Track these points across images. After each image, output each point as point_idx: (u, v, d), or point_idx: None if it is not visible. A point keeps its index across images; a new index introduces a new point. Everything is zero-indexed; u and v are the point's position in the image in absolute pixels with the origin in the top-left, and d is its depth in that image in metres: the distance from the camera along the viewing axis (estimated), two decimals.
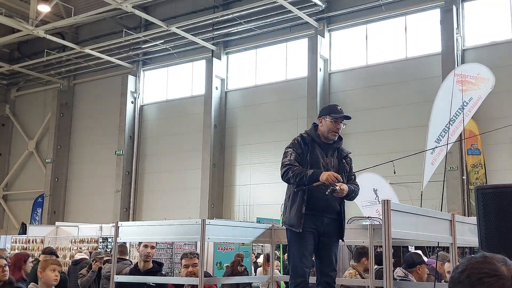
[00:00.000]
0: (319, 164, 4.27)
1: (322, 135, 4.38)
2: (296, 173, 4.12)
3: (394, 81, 17.18)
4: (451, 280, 1.45)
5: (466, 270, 1.41)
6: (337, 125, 4.35)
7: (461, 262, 1.46)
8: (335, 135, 4.38)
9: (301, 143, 4.33)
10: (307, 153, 4.28)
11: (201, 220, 4.35)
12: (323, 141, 4.37)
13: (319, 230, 4.22)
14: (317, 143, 4.36)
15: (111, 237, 13.86)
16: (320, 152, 4.33)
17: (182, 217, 16.96)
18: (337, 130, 4.36)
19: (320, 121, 4.42)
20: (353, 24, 18.24)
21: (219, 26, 20.12)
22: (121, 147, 22.20)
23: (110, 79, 23.83)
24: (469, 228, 4.56)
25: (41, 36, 20.09)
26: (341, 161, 4.41)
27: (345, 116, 4.40)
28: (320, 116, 4.45)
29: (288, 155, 4.29)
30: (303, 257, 4.13)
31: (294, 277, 4.15)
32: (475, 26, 16.29)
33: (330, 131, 4.34)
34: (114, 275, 4.91)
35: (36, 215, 24.22)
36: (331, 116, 4.34)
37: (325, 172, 4.09)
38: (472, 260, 1.43)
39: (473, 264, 1.41)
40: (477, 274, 1.38)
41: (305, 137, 4.39)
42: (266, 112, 19.54)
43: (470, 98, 9.54)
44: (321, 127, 4.40)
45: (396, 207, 3.42)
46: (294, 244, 4.18)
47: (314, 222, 4.17)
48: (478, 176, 14.45)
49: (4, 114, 27.32)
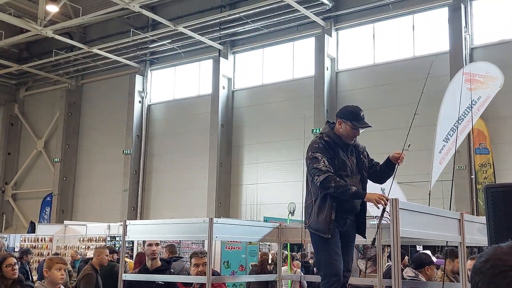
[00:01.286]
0: (346, 167, 4.22)
1: (339, 137, 4.28)
2: (338, 185, 4.02)
3: (401, 80, 17.12)
4: (473, 269, 1.35)
5: (490, 260, 1.30)
6: (357, 132, 4.25)
7: (486, 251, 1.36)
8: (352, 141, 4.29)
9: (327, 147, 4.20)
10: (334, 158, 4.19)
11: (209, 219, 4.35)
12: (343, 141, 4.27)
13: (341, 230, 4.21)
14: (339, 146, 4.25)
15: (119, 235, 13.92)
16: (343, 155, 4.25)
17: (189, 216, 16.99)
18: (355, 137, 4.28)
19: (339, 122, 4.25)
20: (361, 23, 18.19)
21: (226, 26, 20.13)
22: (128, 147, 22.28)
23: (117, 78, 23.92)
24: (478, 227, 4.54)
25: (49, 36, 20.20)
26: (359, 158, 4.37)
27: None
28: (340, 117, 4.26)
29: (320, 160, 4.14)
30: (335, 254, 4.10)
31: (329, 276, 4.08)
32: (484, 24, 16.20)
33: (348, 137, 4.24)
34: (122, 273, 4.93)
35: (44, 214, 24.36)
36: (353, 124, 4.19)
37: (372, 194, 4.00)
38: (498, 250, 1.31)
39: (499, 255, 1.30)
40: (501, 266, 1.27)
41: (328, 141, 4.24)
42: (273, 111, 19.53)
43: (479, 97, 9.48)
44: (339, 129, 4.26)
45: (405, 206, 3.41)
46: (324, 248, 4.14)
47: (339, 223, 4.16)
48: (487, 175, 14.36)
49: (13, 114, 27.50)
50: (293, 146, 17.84)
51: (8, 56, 24.78)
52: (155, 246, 5.09)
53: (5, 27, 21.50)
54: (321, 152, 4.18)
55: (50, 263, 4.39)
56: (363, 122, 4.22)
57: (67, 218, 22.40)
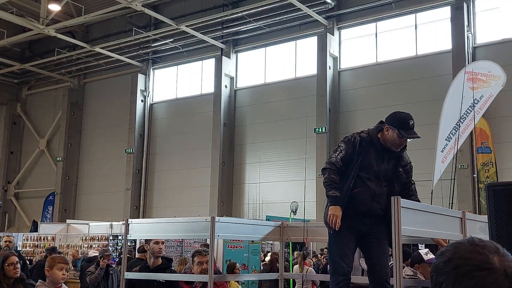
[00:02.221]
0: (371, 169, 4.06)
1: (382, 141, 4.09)
2: (328, 180, 4.01)
3: (404, 79, 17.10)
4: (435, 268, 1.26)
5: (453, 259, 1.22)
6: (404, 141, 4.09)
7: (446, 249, 1.27)
8: (398, 149, 4.12)
9: (357, 143, 4.07)
10: (359, 155, 4.04)
11: (211, 217, 4.36)
12: (382, 145, 4.09)
13: (361, 230, 4.09)
14: (375, 146, 4.09)
15: (121, 234, 13.94)
16: (375, 158, 4.09)
17: (192, 215, 17.01)
18: (401, 145, 4.11)
19: (386, 128, 4.05)
20: (363, 21, 18.18)
21: (228, 25, 20.14)
22: (131, 146, 22.31)
23: (120, 77, 23.95)
24: (480, 226, 4.53)
25: (51, 35, 20.23)
26: (396, 168, 4.17)
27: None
28: (389, 123, 4.07)
29: (337, 152, 4.09)
30: (344, 255, 4.01)
31: (335, 275, 4.02)
32: (486, 23, 16.17)
33: (394, 145, 4.07)
34: (124, 272, 4.94)
35: (47, 213, 24.41)
36: (400, 132, 3.99)
37: (334, 208, 3.94)
38: (461, 248, 1.24)
39: (461, 253, 1.22)
40: (466, 266, 1.19)
41: (364, 137, 4.10)
42: (276, 110, 19.53)
43: (481, 96, 9.48)
44: (386, 134, 4.07)
45: (406, 204, 3.40)
46: (334, 242, 4.06)
47: (353, 221, 4.03)
48: (489, 174, 14.34)
49: (16, 113, 27.55)
50: (295, 145, 17.84)
51: (10, 55, 24.82)
52: (162, 245, 5.13)
53: (7, 26, 21.54)
54: (346, 144, 4.10)
55: (51, 263, 4.39)
56: (411, 131, 4.03)
57: (70, 217, 22.46)
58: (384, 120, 4.14)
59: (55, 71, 24.90)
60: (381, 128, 4.11)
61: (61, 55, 23.07)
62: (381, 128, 4.11)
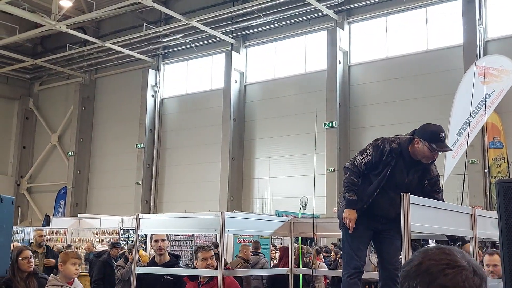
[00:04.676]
0: (394, 182, 4.01)
1: (412, 153, 4.02)
2: (348, 182, 4.02)
3: (414, 73, 17.00)
4: (406, 275, 1.32)
5: (423, 263, 1.30)
6: (435, 155, 4.01)
7: (415, 255, 1.35)
8: (429, 161, 4.06)
9: (385, 153, 4.00)
10: (387, 167, 3.99)
11: (221, 212, 4.39)
12: (411, 157, 4.02)
13: (376, 227, 4.13)
14: (404, 158, 4.01)
15: (132, 229, 14.05)
16: (402, 170, 4.03)
17: (202, 209, 17.09)
18: (432, 158, 4.05)
19: (417, 141, 3.97)
20: (373, 16, 18.07)
21: (238, 20, 20.13)
22: (141, 140, 22.43)
23: (130, 73, 24.05)
24: (491, 222, 4.52)
25: (63, 30, 20.35)
26: (422, 181, 4.14)
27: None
28: (419, 135, 3.99)
29: (363, 155, 4.05)
30: (357, 249, 4.07)
31: (348, 267, 4.09)
32: (498, 17, 16.01)
33: (424, 158, 4.01)
34: (135, 266, 4.99)
35: (59, 207, 24.64)
36: (431, 146, 3.92)
37: (349, 211, 3.98)
38: (429, 252, 1.33)
39: (431, 256, 1.31)
40: (437, 266, 1.28)
41: (394, 149, 4.01)
42: (285, 105, 19.51)
43: (493, 90, 9.41)
44: (416, 147, 3.99)
45: (416, 201, 3.40)
46: (348, 237, 4.10)
47: (369, 219, 4.08)
48: (501, 169, 14.23)
49: (28, 108, 27.80)
50: (305, 140, 17.82)
51: (22, 51, 25.02)
52: (161, 242, 5.09)
53: (19, 22, 21.71)
54: (374, 150, 4.03)
55: (65, 258, 4.45)
56: (442, 144, 3.98)
57: (81, 212, 22.65)
58: (415, 131, 4.06)
59: (66, 67, 25.06)
60: (412, 140, 4.01)
61: (72, 51, 23.20)
62: (412, 139, 4.02)
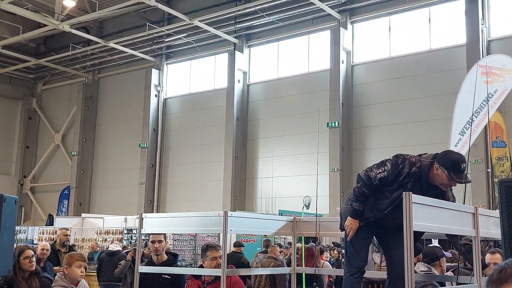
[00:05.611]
0: None
1: (431, 178, 3.97)
2: (358, 192, 4.01)
3: (417, 73, 16.99)
4: (492, 279, 1.33)
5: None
6: (453, 184, 3.96)
7: (506, 263, 1.35)
8: (447, 189, 4.03)
9: (403, 174, 3.94)
10: (401, 187, 3.92)
11: (224, 212, 4.39)
12: (429, 181, 3.98)
13: (380, 231, 4.15)
14: (421, 182, 3.97)
15: (135, 228, 14.07)
16: (418, 193, 3.88)
17: (205, 209, 17.12)
18: (450, 186, 4.01)
19: (436, 167, 3.93)
20: (376, 15, 18.07)
21: (241, 19, 20.15)
22: (145, 140, 22.47)
23: (134, 72, 24.10)
24: (494, 221, 4.52)
25: (66, 30, 20.41)
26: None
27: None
28: (439, 162, 3.94)
29: (380, 169, 3.99)
30: (360, 248, 4.09)
31: (349, 266, 4.12)
32: (501, 16, 15.98)
33: (442, 185, 3.97)
34: (138, 265, 5.00)
35: (62, 207, 24.71)
36: (450, 175, 3.86)
37: (352, 220, 4.01)
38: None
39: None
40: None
41: (415, 172, 3.95)
42: (288, 105, 19.53)
43: (495, 89, 9.40)
44: (435, 173, 3.94)
45: (418, 200, 3.41)
46: (349, 238, 4.12)
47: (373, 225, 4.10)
48: (504, 169, 14.22)
49: (31, 108, 27.87)
50: (308, 139, 17.84)
51: (26, 51, 25.09)
52: (158, 244, 5.08)
53: (23, 22, 21.77)
54: (393, 169, 3.96)
55: (70, 260, 4.45)
56: (462, 175, 3.91)
57: (85, 211, 22.72)
58: (436, 156, 4.01)
59: (69, 66, 25.12)
60: (432, 165, 3.96)
61: (75, 51, 23.26)
62: (432, 164, 3.96)
